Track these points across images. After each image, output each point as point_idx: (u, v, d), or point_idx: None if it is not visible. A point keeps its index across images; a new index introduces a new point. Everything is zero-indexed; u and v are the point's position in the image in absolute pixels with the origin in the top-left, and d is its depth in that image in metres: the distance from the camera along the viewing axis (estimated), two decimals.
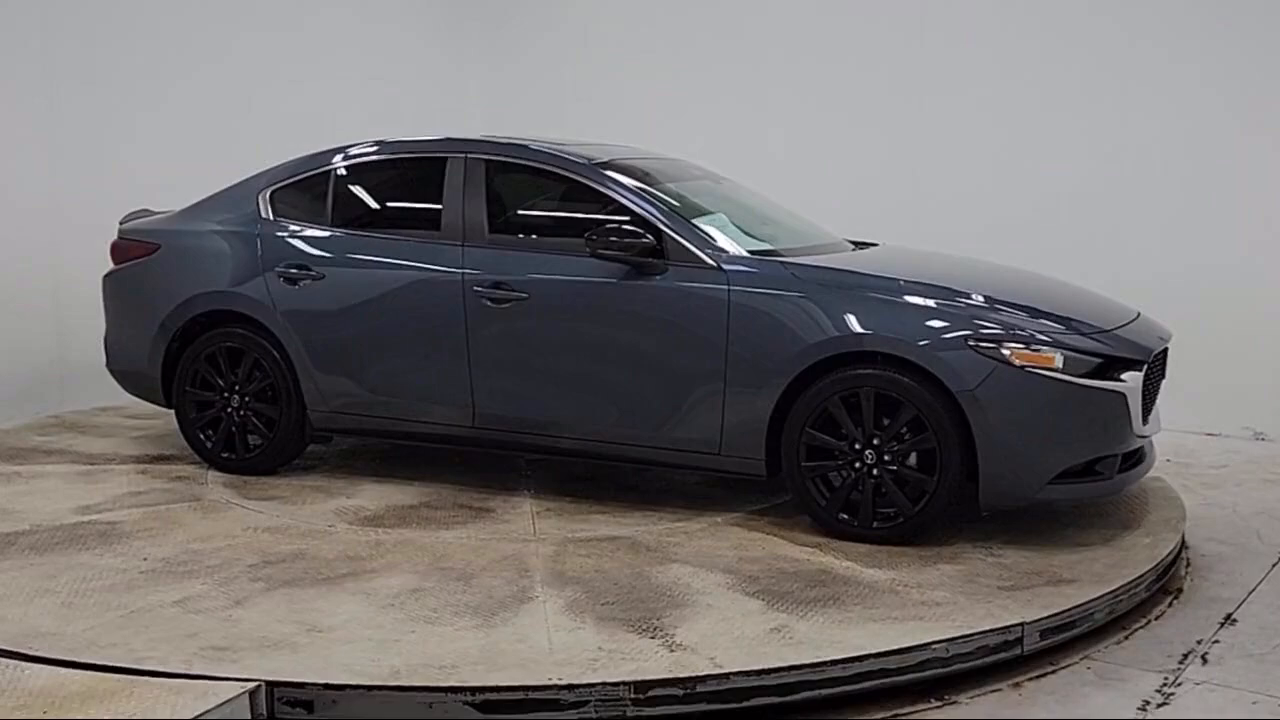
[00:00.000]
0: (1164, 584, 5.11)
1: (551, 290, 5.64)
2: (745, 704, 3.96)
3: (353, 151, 6.28)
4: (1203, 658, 4.50)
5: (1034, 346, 5.03)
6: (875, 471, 5.16)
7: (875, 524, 5.20)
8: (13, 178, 7.65)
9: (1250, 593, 5.14)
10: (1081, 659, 4.46)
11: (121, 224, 6.76)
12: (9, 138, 7.65)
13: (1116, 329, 5.29)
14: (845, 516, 5.24)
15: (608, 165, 5.83)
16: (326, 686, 3.84)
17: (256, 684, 3.76)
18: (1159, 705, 4.09)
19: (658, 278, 5.46)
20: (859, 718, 4.01)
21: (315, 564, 4.93)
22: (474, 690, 3.83)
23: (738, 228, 5.77)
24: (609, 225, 5.48)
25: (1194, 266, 7.79)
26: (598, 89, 9.78)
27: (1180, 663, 4.44)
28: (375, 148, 6.26)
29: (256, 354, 6.14)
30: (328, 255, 6.06)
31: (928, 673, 4.18)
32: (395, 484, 6.11)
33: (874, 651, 4.11)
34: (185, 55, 8.49)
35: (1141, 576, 4.91)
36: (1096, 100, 8.07)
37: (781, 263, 5.44)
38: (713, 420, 5.39)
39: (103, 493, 5.91)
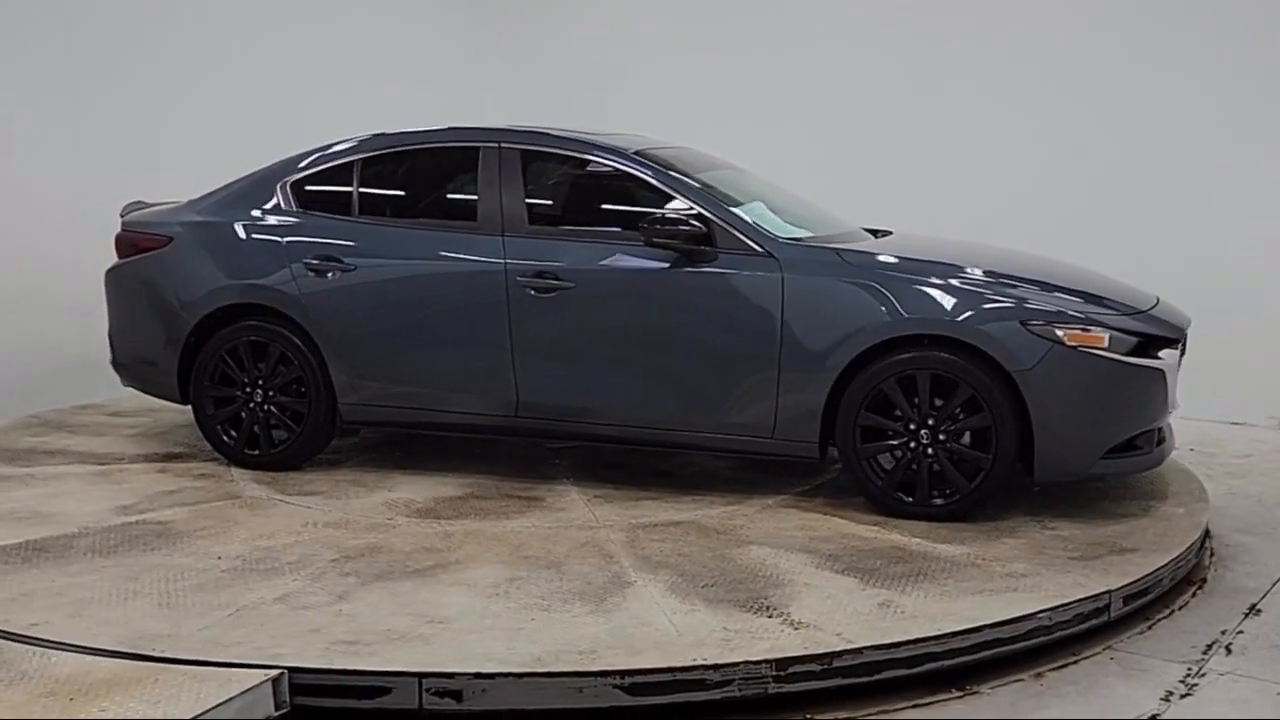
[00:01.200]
0: (1188, 574, 5.15)
1: (599, 279, 5.68)
2: (875, 677, 4.08)
3: (377, 142, 6.22)
4: (1227, 648, 4.50)
5: (1084, 327, 5.24)
6: (931, 451, 5.32)
7: (933, 502, 5.35)
8: (38, 175, 7.70)
9: (1276, 583, 5.18)
10: (1104, 649, 4.45)
11: (123, 216, 6.59)
12: (34, 136, 7.71)
13: (1150, 310, 5.54)
14: (902, 495, 5.38)
15: (642, 154, 5.88)
16: (476, 675, 3.85)
17: (279, 672, 3.76)
18: (1182, 696, 4.10)
19: (708, 265, 5.53)
20: (883, 709, 4.01)
21: (395, 557, 4.89)
22: (623, 674, 3.88)
23: (774, 215, 5.87)
24: (662, 213, 5.54)
25: (1220, 256, 7.88)
26: (617, 86, 9.87)
27: (1204, 653, 4.45)
28: (401, 137, 6.20)
29: (282, 347, 6.04)
30: (358, 246, 6.00)
31: (1034, 641, 4.36)
32: (429, 476, 6.08)
33: (990, 622, 4.27)
34: (206, 53, 8.57)
35: (1194, 544, 5.17)
36: (1121, 89, 8.21)
37: (833, 249, 5.57)
38: (766, 405, 5.49)
39: (133, 493, 5.76)
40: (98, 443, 6.72)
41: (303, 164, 6.25)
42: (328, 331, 5.97)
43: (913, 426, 5.34)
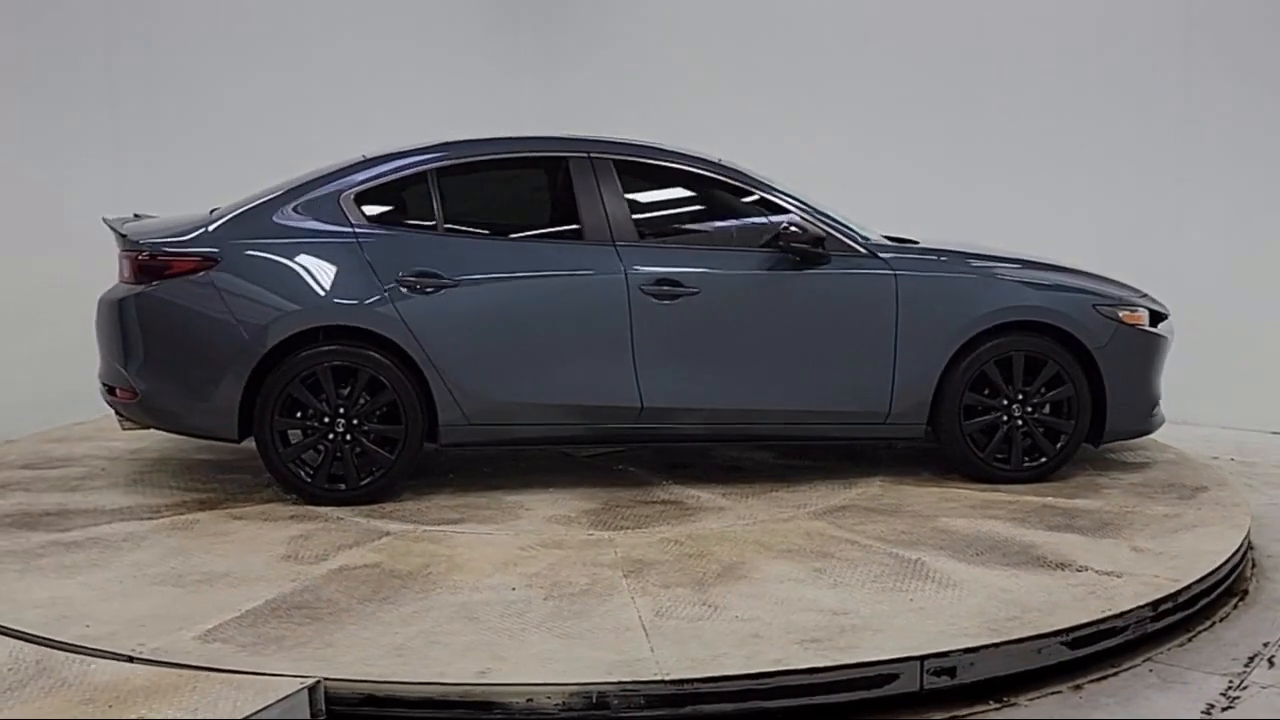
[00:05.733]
0: (1229, 585, 5.12)
1: (723, 284, 5.90)
2: (1197, 607, 4.81)
3: (450, 151, 5.99)
4: (1269, 661, 4.45)
5: (1133, 308, 6.24)
6: (1022, 422, 6.10)
7: (1025, 466, 6.13)
8: (73, 186, 7.78)
9: None
10: (1144, 661, 4.42)
11: (130, 235, 5.81)
12: (70, 145, 7.81)
13: (1145, 292, 6.64)
14: (999, 464, 6.11)
15: (724, 163, 6.17)
16: (966, 650, 4.13)
17: (315, 680, 3.81)
18: (1224, 709, 4.02)
19: (825, 268, 5.95)
20: (919, 717, 4.03)
21: (671, 565, 4.89)
22: (1066, 631, 4.32)
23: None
24: (791, 221, 5.89)
25: (1258, 263, 8.01)
26: (643, 100, 9.99)
27: (1246, 665, 4.39)
28: (475, 147, 6.04)
29: (373, 370, 5.68)
30: (457, 261, 5.78)
31: (1243, 564, 5.28)
32: (534, 493, 5.96)
33: (1231, 552, 5.13)
34: (241, 69, 8.71)
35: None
36: (1157, 97, 8.43)
37: (931, 248, 6.19)
38: (883, 393, 6.00)
39: (267, 543, 5.19)
40: (95, 499, 5.88)
41: (366, 175, 5.87)
42: (432, 351, 5.69)
43: (1005, 402, 6.07)
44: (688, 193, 6.25)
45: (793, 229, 5.85)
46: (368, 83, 9.48)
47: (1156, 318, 6.44)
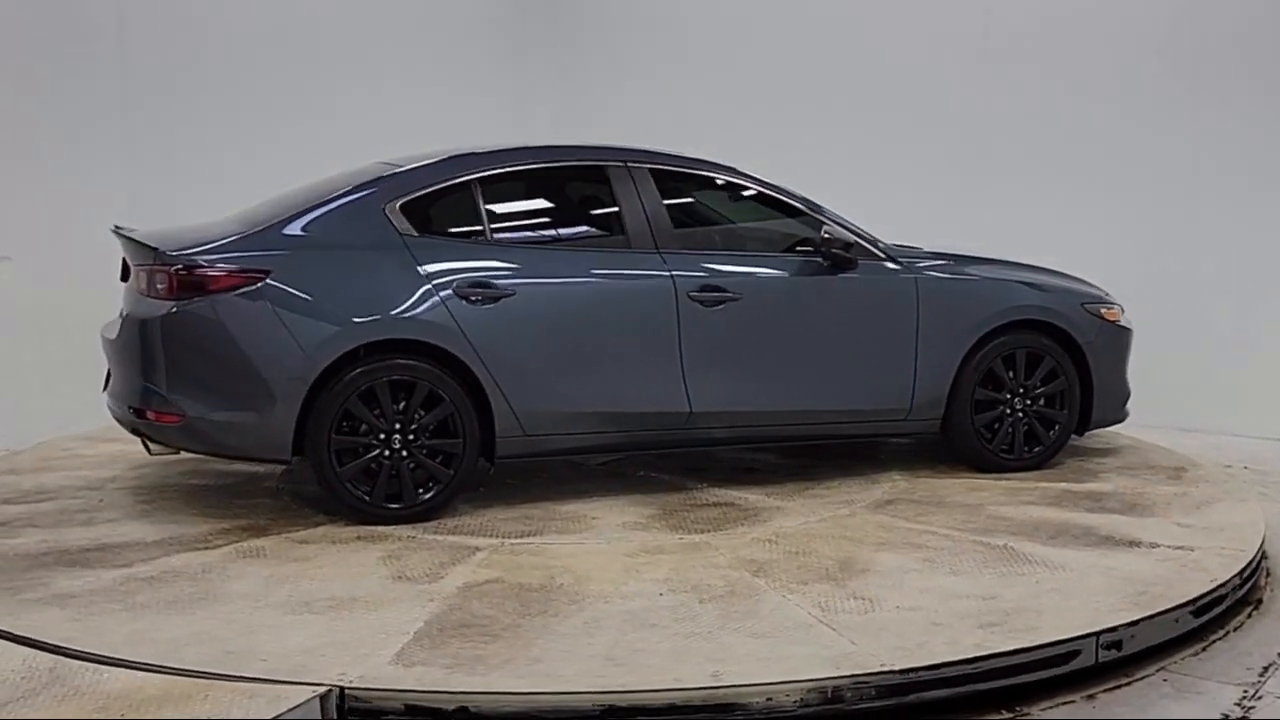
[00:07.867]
0: (1243, 594, 5.10)
1: (764, 290, 6.06)
2: (1254, 578, 5.27)
3: (494, 161, 5.92)
4: None
5: (1109, 306, 6.75)
6: (1023, 414, 6.51)
7: (1027, 455, 6.53)
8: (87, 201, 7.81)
9: None
10: (1157, 670, 4.38)
11: (163, 248, 5.48)
12: (85, 157, 7.99)
13: (1107, 290, 7.16)
14: (1004, 454, 6.50)
15: (743, 172, 6.34)
16: (1130, 624, 4.41)
17: (328, 688, 3.86)
18: (1238, 718, 4.04)
19: (854, 274, 6.19)
20: None
21: (788, 564, 4.97)
22: (1193, 601, 4.69)
23: None
24: (828, 229, 6.10)
25: (1265, 269, 8.06)
26: (646, 111, 9.86)
27: (1260, 675, 4.38)
28: (520, 156, 6.00)
29: (431, 384, 5.55)
30: (510, 270, 5.71)
31: None
32: (582, 502, 5.95)
33: (1262, 521, 5.63)
34: (255, 80, 8.83)
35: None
36: (1167, 105, 8.48)
37: (949, 254, 6.51)
38: (905, 390, 6.29)
39: (359, 565, 5.01)
40: (124, 530, 5.50)
41: (409, 184, 5.73)
42: (492, 362, 5.60)
43: (1008, 395, 6.47)
44: (719, 200, 6.38)
45: (827, 235, 6.05)
46: (370, 92, 9.53)
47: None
